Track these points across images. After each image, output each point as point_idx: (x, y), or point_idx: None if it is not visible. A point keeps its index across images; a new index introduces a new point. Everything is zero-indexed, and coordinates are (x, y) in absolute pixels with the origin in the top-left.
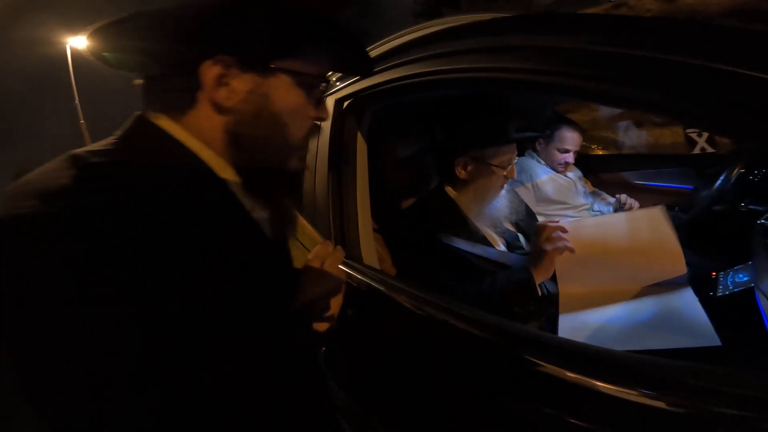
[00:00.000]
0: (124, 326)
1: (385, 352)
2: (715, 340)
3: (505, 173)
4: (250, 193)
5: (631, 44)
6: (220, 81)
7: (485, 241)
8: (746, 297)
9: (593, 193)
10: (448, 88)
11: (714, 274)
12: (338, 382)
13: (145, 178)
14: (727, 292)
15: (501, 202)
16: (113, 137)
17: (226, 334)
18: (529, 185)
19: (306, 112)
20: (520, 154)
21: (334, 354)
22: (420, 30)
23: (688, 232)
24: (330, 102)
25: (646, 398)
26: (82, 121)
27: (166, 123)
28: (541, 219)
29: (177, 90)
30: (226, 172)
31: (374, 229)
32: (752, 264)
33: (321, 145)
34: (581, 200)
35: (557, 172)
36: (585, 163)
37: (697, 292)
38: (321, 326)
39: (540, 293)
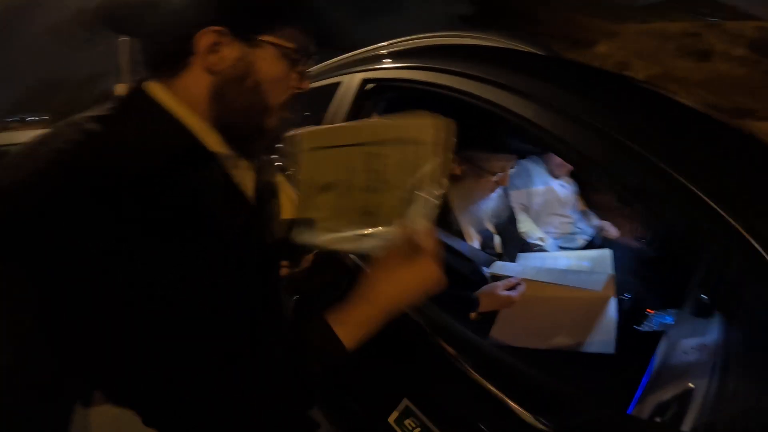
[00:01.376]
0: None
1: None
2: (610, 348)
3: (495, 179)
4: (231, 150)
5: None
6: (213, 48)
7: (460, 236)
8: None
9: (582, 212)
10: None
11: (649, 311)
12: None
13: (136, 146)
14: (647, 329)
15: (487, 204)
16: (111, 103)
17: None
18: (524, 190)
19: (287, 82)
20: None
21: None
22: (442, 38)
23: (650, 266)
24: (357, 78)
25: None
26: (121, 39)
27: (157, 90)
28: (527, 221)
29: (172, 56)
30: (209, 136)
31: None
32: (678, 312)
33: (339, 112)
34: (568, 212)
35: (555, 175)
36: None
37: (626, 322)
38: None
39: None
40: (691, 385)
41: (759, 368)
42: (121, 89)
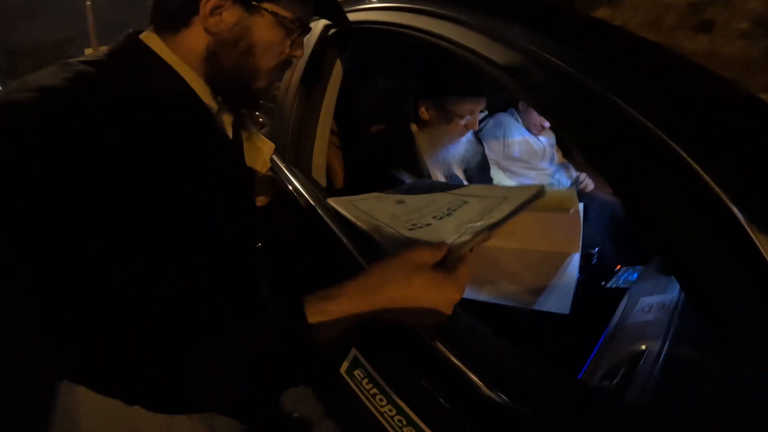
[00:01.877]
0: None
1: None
2: (565, 309)
3: (464, 123)
4: (217, 101)
5: None
6: (214, 10)
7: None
8: (622, 293)
9: (561, 164)
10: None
11: (618, 267)
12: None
13: (127, 89)
14: (614, 285)
15: (456, 149)
16: (105, 50)
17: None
18: (501, 140)
19: (281, 48)
20: (503, 110)
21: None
22: None
23: (620, 223)
24: (319, 24)
25: None
26: (88, 2)
27: (154, 41)
28: (502, 174)
29: (178, 13)
30: (196, 83)
31: (337, 146)
32: (643, 268)
33: (299, 61)
34: (545, 165)
35: (532, 133)
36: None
37: (596, 279)
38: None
39: None
40: (643, 347)
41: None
42: (90, 54)
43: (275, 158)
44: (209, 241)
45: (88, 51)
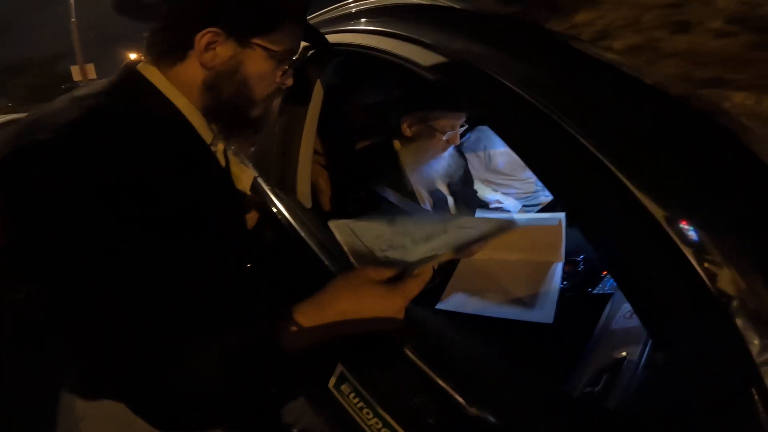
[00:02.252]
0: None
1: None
2: (549, 318)
3: (446, 138)
4: (211, 129)
5: None
6: (208, 47)
7: (413, 197)
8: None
9: None
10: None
11: (605, 273)
12: None
13: (133, 121)
14: (600, 291)
15: (439, 164)
16: (106, 81)
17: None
18: (482, 153)
19: (272, 78)
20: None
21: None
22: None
23: None
24: None
25: None
26: (73, 20)
27: (153, 74)
28: (484, 187)
29: (174, 47)
30: (193, 116)
31: (322, 165)
32: None
33: None
34: (527, 174)
35: None
36: None
37: (582, 285)
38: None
39: None
40: (624, 353)
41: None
42: (76, 71)
43: (260, 180)
44: (205, 258)
45: (74, 68)
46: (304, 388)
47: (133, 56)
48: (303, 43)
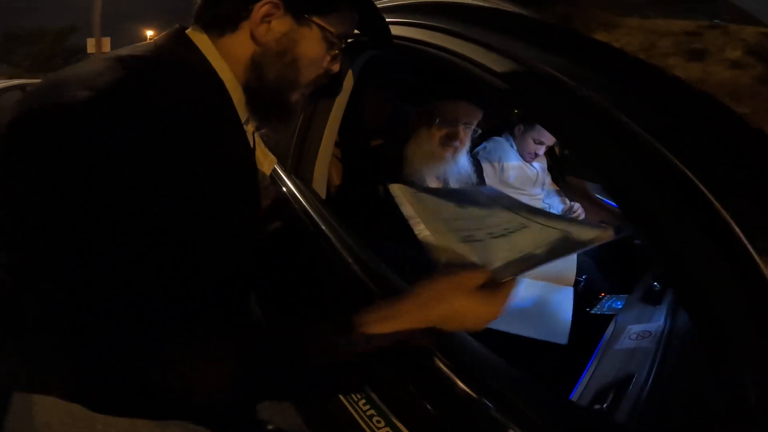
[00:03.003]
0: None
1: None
2: (563, 339)
3: (453, 135)
4: (249, 110)
5: None
6: (264, 19)
7: None
8: (607, 320)
9: (553, 190)
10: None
11: (603, 294)
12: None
13: (176, 88)
14: (598, 312)
15: (450, 165)
16: (152, 44)
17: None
18: (496, 164)
19: (321, 62)
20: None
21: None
22: None
23: (607, 252)
24: None
25: None
26: None
27: (202, 40)
28: None
29: (227, 16)
30: (235, 90)
31: (338, 158)
32: (627, 297)
33: None
34: (537, 191)
35: (525, 160)
36: (559, 162)
37: (580, 304)
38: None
39: None
40: (631, 372)
41: (696, 360)
42: (91, 44)
43: (276, 167)
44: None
45: (90, 40)
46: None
47: (149, 33)
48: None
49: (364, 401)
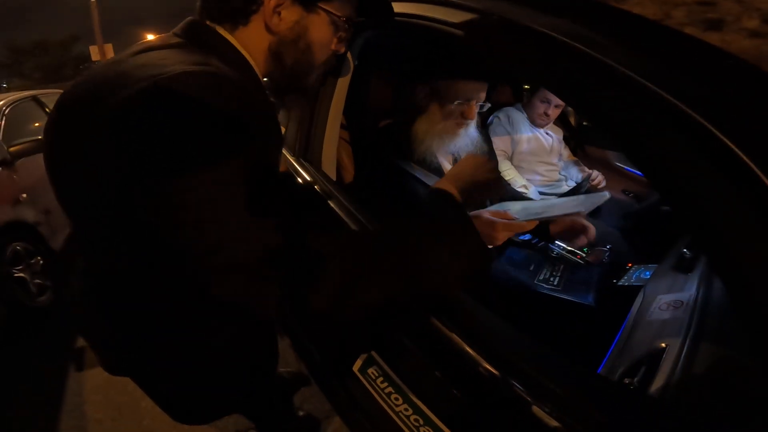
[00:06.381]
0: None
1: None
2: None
3: (459, 110)
4: (271, 94)
5: None
6: (275, 9)
7: (439, 172)
8: (635, 291)
9: (570, 161)
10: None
11: (630, 264)
12: None
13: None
14: (626, 283)
15: (462, 140)
16: (174, 35)
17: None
18: (509, 135)
19: (330, 45)
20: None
21: None
22: None
23: (633, 221)
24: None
25: None
26: (93, 0)
27: (223, 32)
28: (510, 169)
29: (237, 10)
30: (261, 77)
31: (347, 140)
32: (656, 267)
33: None
34: (554, 160)
35: (537, 124)
36: (577, 132)
37: (606, 275)
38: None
39: None
40: (663, 344)
41: (733, 330)
42: (95, 51)
43: (284, 152)
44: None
45: (92, 48)
46: None
47: (150, 36)
48: None
49: (381, 379)
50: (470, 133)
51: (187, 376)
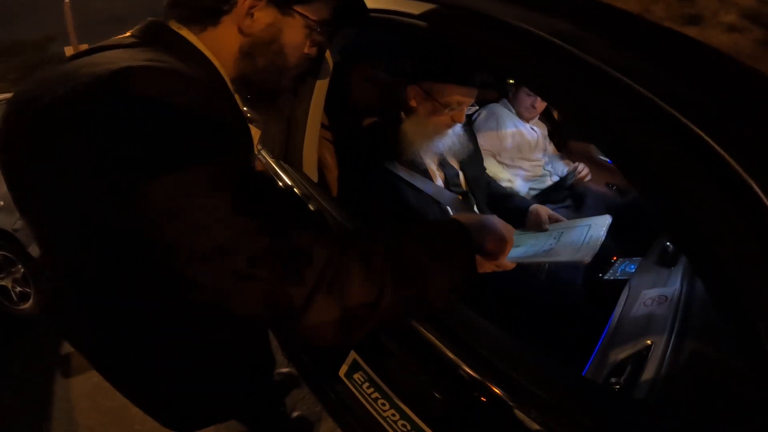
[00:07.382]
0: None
1: None
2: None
3: (450, 114)
4: (241, 97)
5: None
6: (249, 11)
7: (426, 174)
8: (620, 285)
9: (555, 155)
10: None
11: (615, 258)
12: None
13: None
14: (611, 277)
15: (448, 140)
16: (130, 36)
17: None
18: (495, 132)
19: (303, 48)
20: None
21: None
22: None
23: (616, 214)
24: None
25: None
26: (66, 1)
27: (186, 33)
28: (497, 164)
29: (208, 10)
30: (227, 80)
31: (329, 140)
32: (640, 260)
33: None
34: (539, 156)
35: (524, 118)
36: (560, 127)
37: (591, 270)
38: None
39: None
40: (648, 341)
41: (716, 327)
42: (70, 51)
43: (264, 154)
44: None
45: (67, 48)
46: None
47: None
48: None
49: (367, 384)
50: (456, 131)
51: (175, 377)
